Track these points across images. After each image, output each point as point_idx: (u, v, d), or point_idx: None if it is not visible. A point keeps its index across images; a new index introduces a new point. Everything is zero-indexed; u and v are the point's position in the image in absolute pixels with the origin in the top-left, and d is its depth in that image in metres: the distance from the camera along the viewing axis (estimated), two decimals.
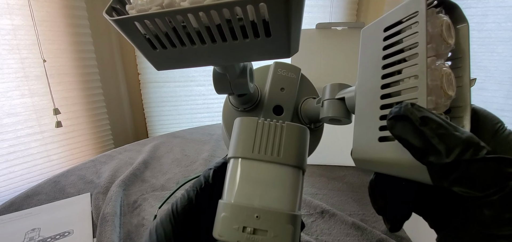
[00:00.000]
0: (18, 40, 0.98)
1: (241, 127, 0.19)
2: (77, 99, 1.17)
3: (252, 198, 0.17)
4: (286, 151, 0.18)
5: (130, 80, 1.39)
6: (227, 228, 0.16)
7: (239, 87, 0.21)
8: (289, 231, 0.16)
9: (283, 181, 0.17)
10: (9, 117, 1.01)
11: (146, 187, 0.57)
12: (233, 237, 0.16)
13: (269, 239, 0.16)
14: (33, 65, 1.02)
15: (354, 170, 0.63)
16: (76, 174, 0.63)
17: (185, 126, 1.35)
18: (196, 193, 0.20)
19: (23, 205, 0.52)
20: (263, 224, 0.16)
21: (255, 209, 0.16)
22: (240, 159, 0.18)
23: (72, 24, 1.11)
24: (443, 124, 0.12)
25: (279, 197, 0.17)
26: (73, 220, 0.47)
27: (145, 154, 0.71)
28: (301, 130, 0.19)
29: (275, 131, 0.18)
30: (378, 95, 0.16)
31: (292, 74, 0.26)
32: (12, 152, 1.03)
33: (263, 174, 0.17)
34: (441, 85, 0.14)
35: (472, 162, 0.11)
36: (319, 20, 1.22)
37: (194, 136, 0.87)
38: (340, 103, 0.21)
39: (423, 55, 0.13)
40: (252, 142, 0.18)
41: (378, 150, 0.15)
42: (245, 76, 0.21)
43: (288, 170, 0.18)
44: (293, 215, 0.17)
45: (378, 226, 0.43)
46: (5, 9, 0.94)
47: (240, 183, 0.17)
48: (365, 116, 0.17)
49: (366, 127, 0.17)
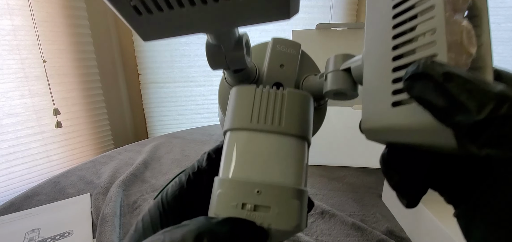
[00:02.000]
0: (18, 40, 0.98)
1: (237, 96, 0.17)
2: (77, 100, 1.17)
3: (252, 172, 0.15)
4: (289, 120, 0.16)
5: (130, 80, 1.39)
6: (224, 206, 0.14)
7: (235, 61, 0.19)
8: (295, 206, 0.14)
9: (286, 152, 0.16)
10: (9, 117, 1.01)
11: (146, 187, 0.57)
12: (231, 215, 0.14)
13: (273, 216, 0.14)
14: (33, 66, 1.02)
15: (354, 171, 0.63)
16: (76, 175, 0.63)
17: (185, 126, 1.35)
18: (188, 178, 0.19)
19: (23, 206, 0.52)
20: (265, 199, 0.14)
21: (255, 184, 0.14)
22: (237, 130, 0.16)
23: (72, 24, 1.11)
24: (470, 78, 0.11)
25: (282, 170, 0.15)
26: (73, 221, 0.47)
27: (145, 154, 0.71)
28: (304, 97, 0.17)
29: (276, 98, 0.17)
30: (389, 58, 0.14)
31: (292, 50, 0.24)
32: (12, 153, 1.03)
33: (263, 146, 0.16)
34: (461, 41, 0.12)
35: (509, 118, 0.10)
36: (319, 20, 1.22)
37: (194, 136, 0.87)
38: (345, 74, 0.19)
39: (441, 6, 0.12)
40: (250, 111, 0.16)
41: (392, 116, 0.14)
42: (241, 48, 0.19)
43: (291, 141, 0.16)
44: (299, 189, 0.15)
45: (378, 227, 0.43)
46: (5, 9, 0.94)
47: (238, 156, 0.16)
48: (375, 83, 0.15)
49: (377, 93, 0.15)
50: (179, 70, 1.38)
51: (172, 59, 1.36)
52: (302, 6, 1.42)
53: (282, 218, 0.14)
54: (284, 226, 0.14)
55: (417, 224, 0.38)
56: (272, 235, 0.14)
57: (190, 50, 1.37)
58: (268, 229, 0.14)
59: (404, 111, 0.13)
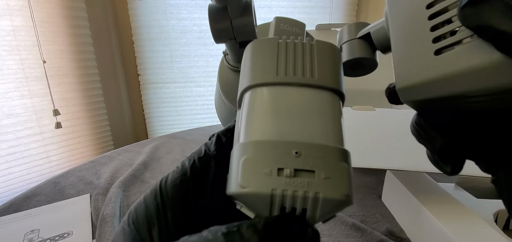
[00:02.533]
0: (18, 41, 0.98)
1: (257, 49, 0.14)
2: (77, 100, 1.17)
3: (287, 131, 0.12)
4: (322, 71, 0.14)
5: (130, 81, 1.40)
6: (253, 174, 0.11)
7: (243, 29, 0.17)
8: (344, 171, 0.11)
9: (325, 108, 0.13)
10: (9, 118, 1.01)
11: (146, 188, 0.57)
12: (265, 185, 0.10)
13: (319, 182, 0.11)
14: (33, 66, 1.02)
15: (354, 171, 0.63)
16: (76, 175, 0.63)
17: (185, 127, 1.36)
18: (192, 164, 0.15)
19: (22, 206, 0.51)
20: (307, 162, 0.11)
21: (293, 143, 0.11)
22: (261, 87, 0.13)
23: (72, 25, 1.11)
24: None
25: (322, 128, 0.12)
26: (72, 221, 0.47)
27: (145, 155, 0.71)
28: (335, 48, 0.15)
29: (303, 49, 0.14)
30: (423, 5, 0.13)
31: (297, 29, 0.22)
32: (11, 153, 1.03)
33: (296, 101, 0.13)
34: None
35: None
36: (319, 21, 1.22)
37: (194, 136, 0.86)
38: (362, 42, 0.17)
39: None
40: (275, 63, 0.14)
41: (438, 65, 0.12)
42: (249, 12, 0.16)
43: (328, 95, 0.13)
44: (345, 151, 0.12)
45: (378, 227, 0.43)
46: (5, 10, 0.94)
47: (266, 114, 0.12)
48: (408, 37, 0.14)
49: (413, 47, 0.13)
50: (179, 70, 1.38)
51: (172, 60, 1.36)
52: (302, 6, 1.42)
53: (331, 183, 0.11)
54: (334, 194, 0.11)
55: (417, 224, 0.38)
56: (319, 209, 0.11)
57: (190, 50, 1.37)
58: (315, 199, 0.10)
59: (454, 56, 0.11)
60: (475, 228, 0.31)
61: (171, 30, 1.32)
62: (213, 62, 1.40)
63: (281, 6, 1.40)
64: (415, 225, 0.39)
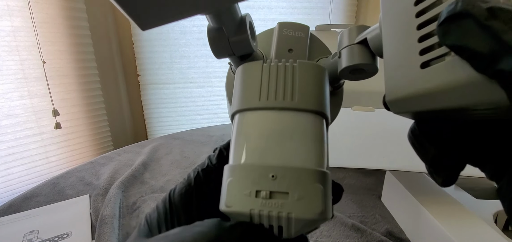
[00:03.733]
0: (18, 41, 0.98)
1: (243, 74, 0.15)
2: (77, 101, 1.17)
3: (265, 155, 0.13)
4: (303, 94, 0.14)
5: (130, 81, 1.40)
6: (236, 195, 0.12)
7: (239, 45, 0.18)
8: (318, 191, 0.12)
9: (303, 130, 0.14)
10: (8, 118, 1.01)
11: (145, 188, 0.57)
12: (244, 205, 0.12)
13: (292, 203, 0.12)
14: (32, 67, 1.02)
15: (353, 172, 0.63)
16: (75, 176, 0.63)
17: (185, 128, 1.35)
18: (196, 175, 0.18)
19: (21, 207, 0.51)
20: (281, 184, 0.12)
21: (269, 167, 0.12)
22: (245, 111, 0.14)
23: (72, 25, 1.11)
24: None
25: (299, 151, 0.13)
26: (71, 222, 0.47)
27: (144, 155, 0.71)
28: (318, 68, 0.15)
29: (286, 72, 0.15)
30: (412, 14, 0.12)
31: (300, 33, 0.22)
32: (11, 153, 1.03)
33: (275, 125, 0.14)
34: None
35: None
36: (319, 21, 1.22)
37: (194, 137, 0.86)
38: (361, 47, 0.17)
39: None
40: (258, 88, 0.14)
41: (422, 79, 0.12)
42: (244, 30, 0.17)
43: (308, 117, 0.14)
44: (321, 171, 0.13)
45: (378, 228, 0.43)
46: (5, 10, 0.94)
47: (248, 139, 0.14)
48: (398, 46, 0.13)
49: (401, 58, 0.13)
50: (178, 71, 1.38)
51: (172, 61, 1.36)
52: (302, 7, 1.42)
53: (304, 204, 0.12)
54: (307, 214, 0.12)
55: (416, 225, 0.38)
56: (293, 226, 0.12)
57: (190, 51, 1.37)
58: (288, 219, 0.12)
59: (436, 71, 0.11)
60: (475, 229, 0.31)
61: (171, 31, 1.32)
62: (213, 63, 1.40)
63: (281, 6, 1.40)
64: (414, 225, 0.39)
